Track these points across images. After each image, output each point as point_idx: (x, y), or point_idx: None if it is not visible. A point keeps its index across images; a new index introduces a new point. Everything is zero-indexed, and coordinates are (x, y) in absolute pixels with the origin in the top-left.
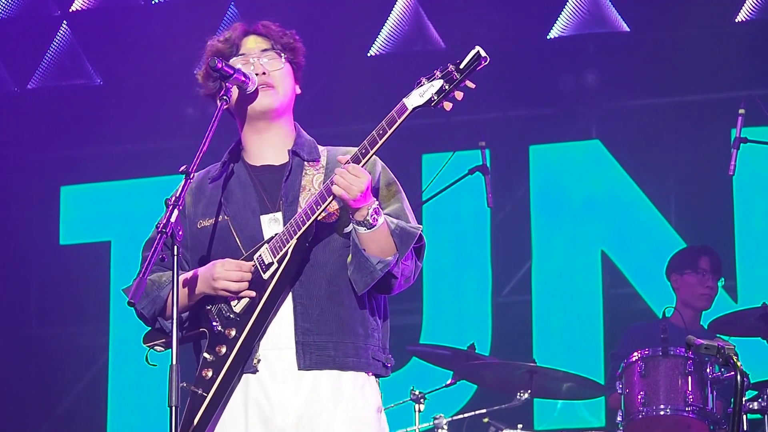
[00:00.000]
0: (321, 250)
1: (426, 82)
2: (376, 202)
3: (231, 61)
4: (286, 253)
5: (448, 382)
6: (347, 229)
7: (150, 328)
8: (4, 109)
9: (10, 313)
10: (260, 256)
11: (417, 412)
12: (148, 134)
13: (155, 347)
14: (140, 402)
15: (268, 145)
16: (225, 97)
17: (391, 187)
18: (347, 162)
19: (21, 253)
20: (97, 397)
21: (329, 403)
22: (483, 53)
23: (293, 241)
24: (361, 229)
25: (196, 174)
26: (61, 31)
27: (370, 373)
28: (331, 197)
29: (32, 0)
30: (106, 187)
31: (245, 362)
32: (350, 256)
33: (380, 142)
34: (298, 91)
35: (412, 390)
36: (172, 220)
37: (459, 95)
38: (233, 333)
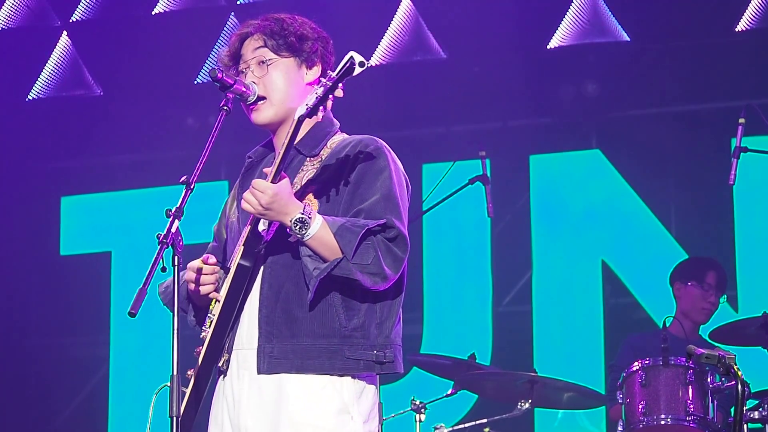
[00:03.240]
0: (291, 251)
1: (313, 90)
2: (300, 213)
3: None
4: (234, 260)
5: (449, 392)
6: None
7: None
8: (4, 119)
9: (9, 323)
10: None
11: (418, 422)
12: (149, 144)
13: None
14: (141, 413)
15: (279, 144)
16: (225, 108)
17: (378, 177)
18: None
19: (21, 263)
20: (98, 408)
21: (274, 406)
22: (358, 58)
23: (240, 249)
24: (298, 237)
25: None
26: (62, 42)
27: (342, 374)
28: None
29: (32, 10)
30: (106, 198)
31: (215, 362)
32: None
33: (280, 155)
34: (311, 78)
35: (413, 400)
36: (173, 230)
37: (329, 104)
38: (204, 334)
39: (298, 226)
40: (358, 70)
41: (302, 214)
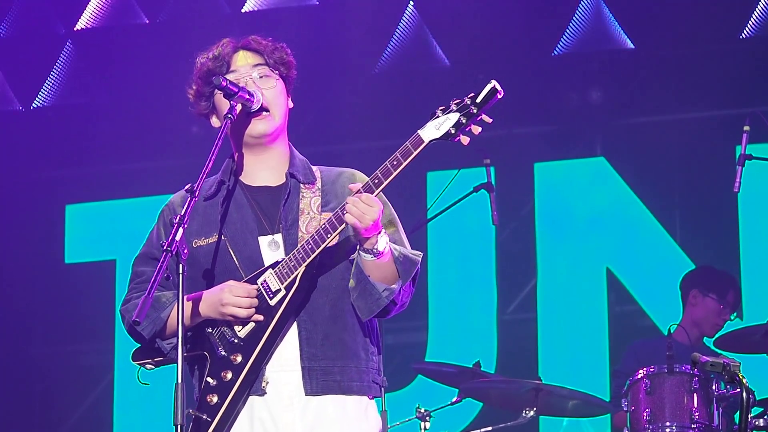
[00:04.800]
0: (322, 274)
1: (441, 114)
2: (384, 231)
3: None
4: (294, 280)
5: (454, 399)
6: (353, 256)
7: (139, 345)
8: (9, 127)
9: (14, 331)
10: (265, 281)
11: (423, 430)
12: (153, 152)
13: (145, 365)
14: (146, 422)
15: (264, 165)
16: (230, 116)
17: (386, 211)
18: (358, 191)
19: (26, 271)
20: (103, 416)
21: (335, 425)
22: (498, 87)
23: (302, 269)
24: (368, 257)
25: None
26: (66, 50)
27: (371, 397)
28: (342, 225)
29: (37, 19)
30: (111, 206)
31: (252, 386)
32: (352, 281)
33: (394, 174)
34: (291, 105)
35: (418, 408)
36: (177, 238)
37: (476, 129)
38: (239, 359)
39: (377, 243)
40: (497, 99)
41: (384, 232)
